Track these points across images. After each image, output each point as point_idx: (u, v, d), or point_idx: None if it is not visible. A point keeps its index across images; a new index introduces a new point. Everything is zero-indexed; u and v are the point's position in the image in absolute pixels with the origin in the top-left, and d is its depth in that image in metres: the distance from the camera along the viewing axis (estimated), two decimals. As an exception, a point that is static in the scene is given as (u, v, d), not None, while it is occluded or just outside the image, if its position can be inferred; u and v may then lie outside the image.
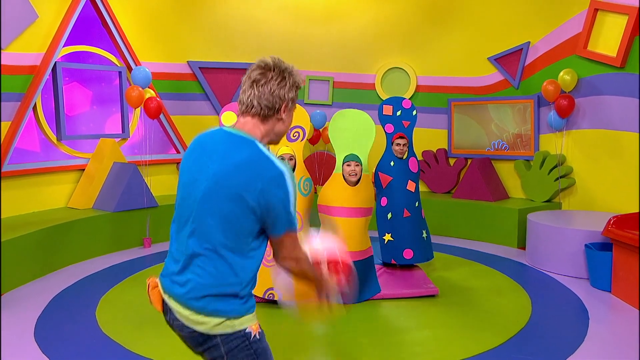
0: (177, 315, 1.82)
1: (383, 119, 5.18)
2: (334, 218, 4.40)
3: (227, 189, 1.76)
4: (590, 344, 3.60)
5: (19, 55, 5.59)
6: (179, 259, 1.84)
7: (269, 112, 1.87)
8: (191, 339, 1.83)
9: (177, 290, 1.81)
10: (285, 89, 1.88)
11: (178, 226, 1.89)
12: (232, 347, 1.80)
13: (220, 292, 1.77)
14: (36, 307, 4.31)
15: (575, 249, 5.11)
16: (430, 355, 3.47)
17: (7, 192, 5.59)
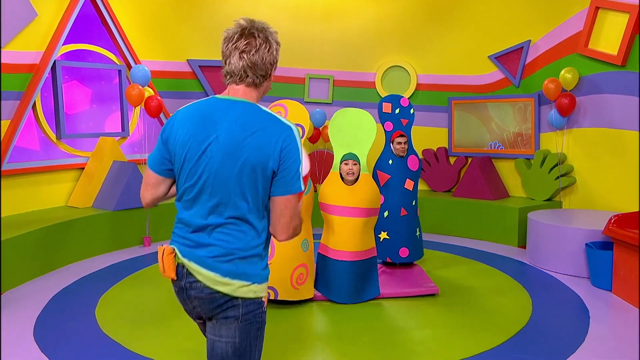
0: (200, 277, 1.84)
1: (382, 116, 5.17)
2: (333, 217, 4.38)
3: (245, 156, 1.78)
4: (590, 344, 3.59)
5: (18, 54, 5.57)
6: (199, 226, 1.85)
7: (262, 79, 1.91)
8: (210, 300, 1.85)
9: (202, 253, 1.84)
10: (273, 53, 1.91)
11: (192, 199, 1.86)
12: (248, 310, 1.87)
13: (247, 255, 1.84)
14: (36, 306, 4.30)
15: (576, 248, 5.10)
16: (431, 354, 3.46)
17: (7, 191, 5.58)
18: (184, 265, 1.87)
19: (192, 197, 1.87)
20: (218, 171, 1.80)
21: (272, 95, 7.74)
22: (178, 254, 1.88)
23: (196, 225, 1.86)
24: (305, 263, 4.26)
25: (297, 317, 4.09)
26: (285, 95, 7.84)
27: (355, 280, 4.34)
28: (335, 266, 4.32)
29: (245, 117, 1.81)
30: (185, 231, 1.89)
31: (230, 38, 1.90)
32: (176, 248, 1.89)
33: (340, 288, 4.32)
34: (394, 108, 5.15)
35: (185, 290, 1.89)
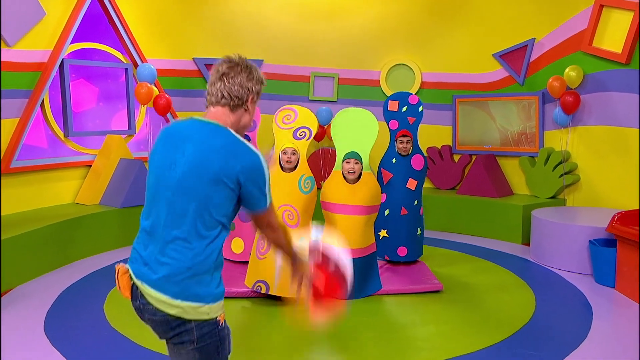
0: (151, 299, 1.85)
1: (388, 114, 5.18)
2: (334, 215, 4.42)
3: (205, 172, 1.84)
4: (593, 340, 3.63)
5: (27, 53, 5.63)
6: (151, 244, 1.89)
7: (238, 102, 1.99)
8: (163, 323, 1.87)
9: (152, 276, 1.85)
10: (253, 82, 2.01)
11: (149, 212, 1.94)
12: (203, 332, 1.86)
13: (197, 274, 1.83)
14: (45, 301, 4.37)
15: (580, 245, 5.13)
16: (434, 350, 3.51)
17: (16, 188, 5.65)
18: (138, 286, 1.89)
19: (148, 212, 1.95)
20: (177, 186, 1.87)
21: (278, 93, 7.81)
22: (132, 274, 1.92)
23: (148, 242, 1.91)
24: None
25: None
26: (290, 94, 7.90)
27: (357, 277, 4.37)
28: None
29: (213, 138, 1.90)
30: (140, 247, 1.94)
31: (216, 66, 2.02)
32: (129, 268, 1.93)
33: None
34: (401, 106, 5.17)
35: (139, 311, 1.93)
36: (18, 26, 5.45)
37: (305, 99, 7.96)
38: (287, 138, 4.47)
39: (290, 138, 4.49)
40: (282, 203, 4.28)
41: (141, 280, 1.88)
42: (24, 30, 5.52)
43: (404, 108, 5.16)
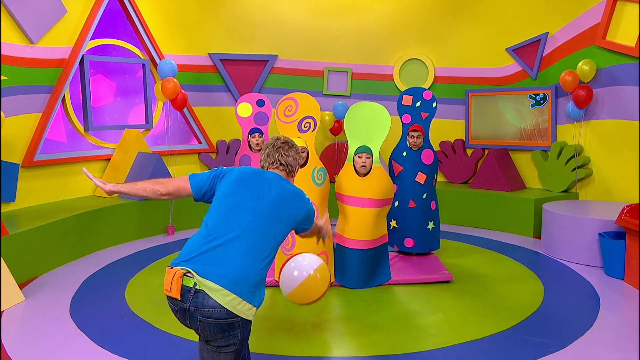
0: (217, 298, 2.14)
1: (401, 108, 5.27)
2: (347, 206, 4.53)
3: (279, 212, 2.41)
4: (599, 329, 3.70)
5: (49, 49, 5.81)
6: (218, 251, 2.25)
7: (290, 170, 2.64)
8: (216, 325, 2.16)
9: (219, 278, 2.18)
10: (298, 160, 2.67)
11: (220, 228, 2.33)
12: (245, 335, 2.25)
13: (255, 281, 2.24)
14: (70, 289, 4.57)
15: (590, 238, 5.17)
16: (442, 336, 3.60)
17: (38, 181, 5.85)
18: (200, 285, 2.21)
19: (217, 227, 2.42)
20: (253, 218, 2.37)
21: (292, 87, 7.91)
22: (194, 274, 2.25)
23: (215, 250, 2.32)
24: (326, 251, 4.44)
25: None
26: (304, 88, 7.99)
27: (367, 267, 4.51)
28: (349, 254, 4.48)
29: (285, 188, 2.53)
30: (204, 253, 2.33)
31: (272, 141, 2.69)
32: (192, 269, 2.25)
33: (353, 275, 4.50)
34: (415, 101, 5.25)
35: (189, 313, 2.21)
36: (41, 24, 5.63)
37: (319, 94, 8.06)
38: (293, 132, 4.57)
39: (296, 132, 4.58)
40: None
41: (207, 279, 2.17)
42: (46, 27, 5.70)
43: (417, 103, 5.23)
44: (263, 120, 5.66)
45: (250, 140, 5.59)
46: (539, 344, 3.45)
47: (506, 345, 3.46)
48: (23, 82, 5.53)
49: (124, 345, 3.46)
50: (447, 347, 3.44)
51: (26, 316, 4.01)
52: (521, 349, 3.40)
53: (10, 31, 5.38)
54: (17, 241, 4.69)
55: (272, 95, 7.93)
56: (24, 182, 5.63)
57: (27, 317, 3.99)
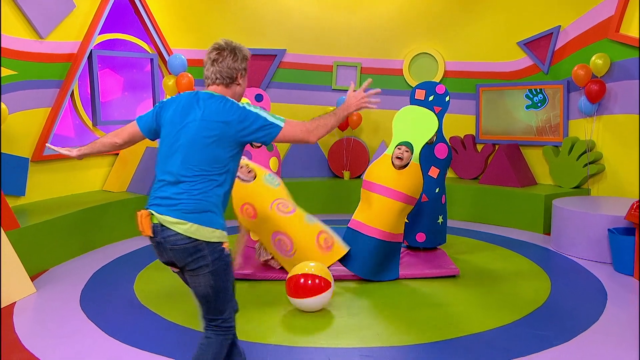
0: (175, 228, 2.29)
1: (414, 103, 5.25)
2: (373, 194, 4.54)
3: (211, 127, 2.34)
4: (604, 324, 3.66)
5: (58, 44, 5.85)
6: (169, 184, 2.36)
7: (229, 81, 2.48)
8: (183, 250, 2.32)
9: (175, 209, 2.31)
10: (237, 63, 2.48)
11: (166, 159, 2.40)
12: (215, 257, 2.35)
13: (209, 209, 2.33)
14: (80, 281, 4.65)
15: (599, 234, 5.11)
16: (447, 328, 3.60)
17: (47, 176, 5.90)
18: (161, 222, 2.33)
19: (164, 159, 2.44)
20: (192, 139, 2.36)
21: (301, 82, 7.92)
22: (155, 214, 2.35)
23: (166, 184, 2.39)
24: (323, 229, 4.55)
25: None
26: (314, 83, 7.98)
27: (379, 258, 4.51)
28: (364, 240, 4.50)
29: (215, 102, 2.40)
30: (159, 190, 2.41)
31: (208, 52, 2.50)
32: (152, 210, 2.37)
33: (364, 262, 4.51)
34: (428, 95, 5.22)
35: (160, 245, 2.36)
36: (50, 19, 5.66)
37: (328, 89, 8.04)
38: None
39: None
40: (272, 200, 4.52)
41: (165, 215, 2.31)
42: (55, 22, 5.73)
43: (430, 97, 5.21)
44: None
45: None
46: (542, 338, 3.43)
47: (509, 338, 3.45)
48: (32, 77, 5.58)
49: (133, 336, 3.51)
50: (452, 339, 3.44)
51: (38, 307, 4.08)
52: (524, 342, 3.38)
53: (19, 26, 5.42)
54: (28, 234, 4.74)
55: (281, 90, 7.94)
56: (34, 176, 5.68)
57: (39, 308, 4.06)
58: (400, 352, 3.28)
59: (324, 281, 3.84)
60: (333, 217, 7.27)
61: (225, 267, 2.40)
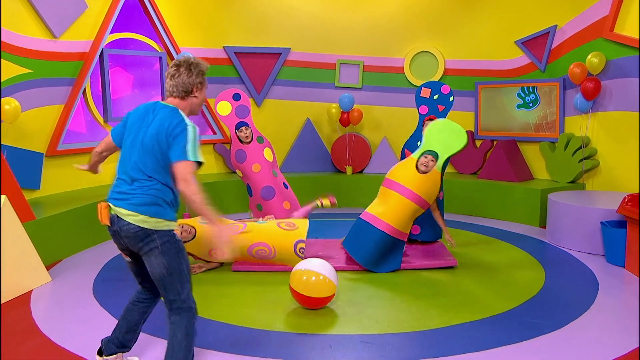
0: (128, 219, 2.63)
1: (419, 100, 5.49)
2: (391, 192, 4.77)
3: (157, 134, 2.63)
4: (595, 312, 3.86)
5: (71, 43, 6.06)
6: (125, 182, 2.68)
7: (185, 94, 2.76)
8: (134, 236, 2.64)
9: (128, 203, 2.64)
10: (192, 78, 2.76)
11: (124, 161, 2.72)
12: (164, 240, 2.65)
13: (156, 202, 2.64)
14: (92, 270, 4.85)
15: (592, 227, 5.30)
16: (444, 316, 3.79)
17: (60, 170, 6.11)
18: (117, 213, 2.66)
19: (123, 161, 2.75)
20: (142, 145, 2.66)
21: (305, 80, 8.12)
22: (112, 206, 2.68)
23: (122, 181, 2.70)
24: (277, 221, 4.97)
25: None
26: (317, 80, 8.18)
27: (383, 251, 4.73)
28: (373, 232, 4.72)
29: (164, 112, 2.71)
30: (117, 186, 2.72)
31: (168, 67, 2.79)
32: (110, 202, 2.69)
33: (368, 252, 4.73)
34: (433, 93, 5.45)
35: (117, 233, 2.69)
36: (63, 19, 5.88)
37: (331, 86, 8.24)
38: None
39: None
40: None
41: (120, 207, 2.65)
42: (68, 22, 5.95)
43: (435, 96, 5.43)
44: (244, 112, 5.90)
45: (239, 135, 5.81)
46: (535, 325, 3.62)
47: (503, 325, 3.64)
48: (47, 75, 5.80)
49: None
50: (448, 326, 3.63)
51: (53, 295, 4.28)
52: (518, 329, 3.57)
53: (35, 26, 5.64)
54: (43, 226, 4.95)
55: (286, 87, 8.14)
56: (48, 171, 5.90)
57: (54, 295, 4.27)
58: (399, 338, 3.46)
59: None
60: (335, 211, 7.48)
61: (177, 250, 2.68)
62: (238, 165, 5.79)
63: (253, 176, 5.74)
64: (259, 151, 5.79)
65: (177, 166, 2.60)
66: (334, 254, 5.08)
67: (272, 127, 8.07)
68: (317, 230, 6.14)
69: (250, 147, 5.78)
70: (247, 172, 5.75)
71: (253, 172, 5.74)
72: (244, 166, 5.76)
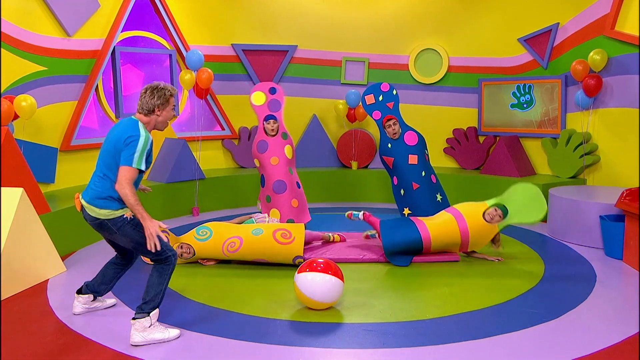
0: (88, 211, 3.34)
1: (368, 108, 5.69)
2: (450, 215, 4.93)
3: (114, 142, 3.25)
4: (592, 302, 3.98)
5: (84, 41, 6.23)
6: (92, 177, 3.38)
7: (147, 112, 3.34)
8: (95, 225, 3.37)
9: (87, 195, 3.36)
10: (154, 100, 3.31)
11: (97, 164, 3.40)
12: (118, 225, 3.32)
13: (106, 197, 3.29)
14: (105, 261, 4.82)
15: (592, 221, 5.42)
16: (445, 307, 3.93)
17: (73, 164, 6.30)
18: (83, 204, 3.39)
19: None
20: (103, 151, 3.33)
21: (311, 77, 8.26)
22: (80, 197, 3.41)
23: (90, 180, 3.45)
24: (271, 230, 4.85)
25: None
26: (323, 77, 8.32)
27: (406, 248, 4.91)
28: (412, 230, 4.88)
29: (124, 124, 3.33)
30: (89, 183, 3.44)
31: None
32: (80, 194, 3.42)
33: (395, 242, 4.87)
34: (377, 97, 5.62)
35: (85, 219, 3.41)
36: (76, 18, 6.05)
37: (337, 83, 8.37)
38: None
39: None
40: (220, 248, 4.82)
41: (84, 199, 3.35)
42: (81, 21, 6.12)
43: (380, 97, 5.59)
44: (276, 106, 6.05)
45: (266, 126, 5.95)
46: (533, 315, 3.75)
47: (502, 315, 3.77)
48: (60, 73, 5.97)
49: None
50: (449, 315, 3.77)
51: (68, 284, 4.45)
52: (517, 318, 3.70)
53: (49, 25, 5.81)
54: (58, 218, 5.13)
55: (292, 84, 8.28)
56: (62, 165, 6.08)
57: (69, 284, 4.43)
58: (401, 327, 3.60)
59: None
60: (341, 205, 7.64)
61: (133, 227, 3.31)
62: (258, 154, 5.94)
63: (269, 168, 5.88)
64: (281, 146, 5.94)
65: (120, 169, 3.19)
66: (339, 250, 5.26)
67: (279, 123, 8.25)
68: (322, 223, 6.31)
69: (273, 140, 5.93)
70: (265, 163, 5.90)
71: (270, 164, 5.88)
72: (264, 157, 5.90)
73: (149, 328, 3.30)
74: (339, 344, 3.35)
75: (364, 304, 4.00)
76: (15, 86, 5.43)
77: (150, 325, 3.31)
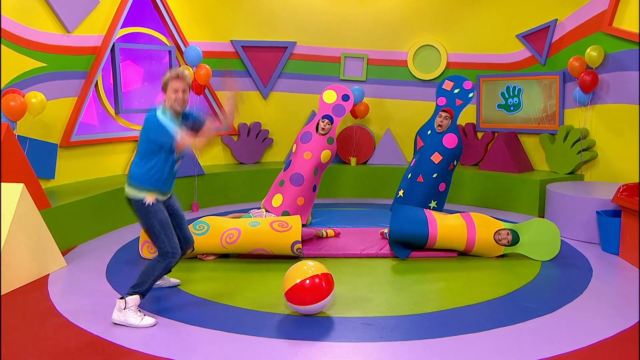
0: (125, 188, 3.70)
1: (440, 91, 5.71)
2: (464, 221, 4.94)
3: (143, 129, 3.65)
4: (587, 297, 4.03)
5: (84, 37, 6.25)
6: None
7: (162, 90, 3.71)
8: (127, 202, 3.69)
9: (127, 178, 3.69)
10: (162, 80, 3.68)
11: None
12: (137, 206, 3.63)
13: (137, 177, 3.61)
14: (105, 256, 5.06)
15: (589, 216, 5.46)
16: (441, 301, 3.97)
17: (73, 161, 6.33)
18: None
19: None
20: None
21: (310, 73, 8.29)
22: None
23: None
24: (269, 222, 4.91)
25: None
26: (322, 73, 8.34)
27: (411, 240, 4.93)
28: (422, 225, 4.90)
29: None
30: None
31: None
32: None
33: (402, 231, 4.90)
34: (455, 87, 5.62)
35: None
36: (76, 14, 6.07)
37: (336, 79, 8.39)
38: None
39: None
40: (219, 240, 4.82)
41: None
42: (81, 17, 6.14)
43: (456, 90, 5.59)
44: (340, 112, 6.19)
45: (320, 123, 6.04)
46: (529, 309, 3.79)
47: (498, 309, 3.81)
48: (60, 69, 5.99)
49: (154, 305, 3.89)
50: (446, 310, 3.80)
51: (68, 279, 4.49)
52: (513, 312, 3.74)
53: (49, 21, 5.83)
54: (58, 214, 5.16)
55: (291, 80, 8.30)
56: (62, 161, 6.11)
57: (70, 279, 4.47)
58: (399, 320, 3.64)
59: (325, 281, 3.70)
60: (340, 201, 7.68)
61: (147, 212, 3.61)
62: (298, 142, 6.09)
63: (299, 159, 5.98)
64: (321, 147, 6.00)
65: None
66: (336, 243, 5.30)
67: (279, 119, 8.27)
68: (321, 216, 6.34)
69: (318, 138, 6.02)
70: (299, 152, 6.01)
71: (302, 155, 5.98)
72: (301, 146, 6.02)
73: (124, 310, 3.52)
74: (337, 337, 3.39)
75: (360, 299, 4.03)
76: (14, 82, 5.45)
77: (125, 308, 3.51)
